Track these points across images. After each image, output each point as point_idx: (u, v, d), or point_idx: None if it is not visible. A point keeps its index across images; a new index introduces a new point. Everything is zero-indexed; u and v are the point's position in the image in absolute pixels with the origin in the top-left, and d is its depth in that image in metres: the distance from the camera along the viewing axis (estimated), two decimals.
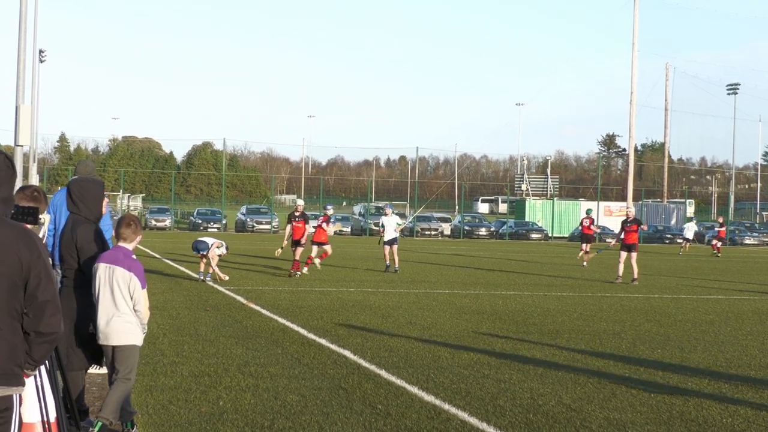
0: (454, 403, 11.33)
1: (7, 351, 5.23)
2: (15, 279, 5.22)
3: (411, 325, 18.44)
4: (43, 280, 5.30)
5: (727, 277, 37.70)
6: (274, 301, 22.13)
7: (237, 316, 19.15)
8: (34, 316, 5.28)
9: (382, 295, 24.46)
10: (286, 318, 18.89)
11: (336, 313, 20.13)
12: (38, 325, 5.29)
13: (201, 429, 9.77)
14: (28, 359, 5.37)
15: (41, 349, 5.37)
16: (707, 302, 25.68)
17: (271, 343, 15.59)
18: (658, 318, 21.14)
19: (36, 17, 59.94)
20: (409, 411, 10.85)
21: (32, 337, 5.32)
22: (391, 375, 12.99)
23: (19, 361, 5.30)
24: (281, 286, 26.42)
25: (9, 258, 5.21)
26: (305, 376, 12.73)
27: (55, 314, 5.34)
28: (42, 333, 5.31)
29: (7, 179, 5.39)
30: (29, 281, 5.26)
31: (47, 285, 5.31)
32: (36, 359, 5.40)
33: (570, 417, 10.82)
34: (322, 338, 16.29)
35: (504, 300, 24.22)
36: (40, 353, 5.39)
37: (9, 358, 5.23)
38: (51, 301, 5.31)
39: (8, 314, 5.22)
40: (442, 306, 22.25)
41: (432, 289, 27.20)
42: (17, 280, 5.23)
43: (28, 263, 5.25)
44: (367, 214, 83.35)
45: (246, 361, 13.82)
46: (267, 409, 10.72)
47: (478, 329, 18.17)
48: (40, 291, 5.27)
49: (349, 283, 28.41)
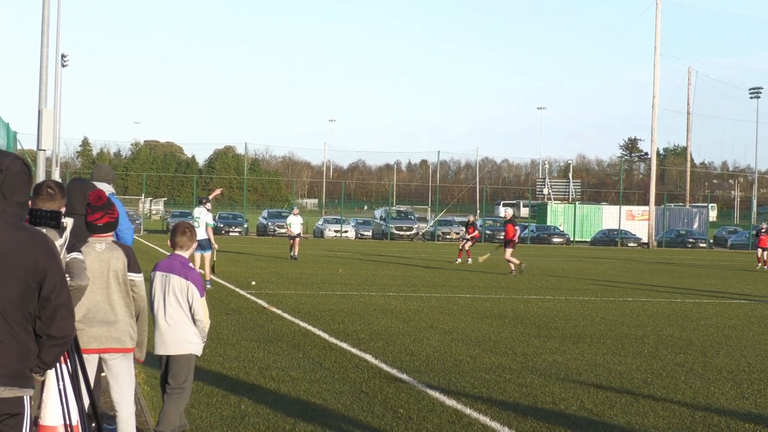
0: (476, 407, 11.31)
1: (18, 353, 5.25)
2: (29, 282, 5.24)
3: (432, 329, 18.43)
4: (59, 284, 5.32)
5: (750, 282, 37.52)
6: (296, 304, 22.14)
7: (259, 319, 19.17)
8: (46, 320, 5.29)
9: (403, 299, 24.45)
10: (308, 322, 18.90)
11: (357, 317, 20.13)
12: (50, 328, 5.30)
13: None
14: (38, 362, 5.39)
15: (52, 352, 5.39)
16: (730, 307, 25.57)
17: (293, 347, 15.60)
18: (681, 322, 21.06)
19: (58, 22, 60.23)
20: (430, 415, 10.84)
21: (43, 340, 5.33)
22: (412, 379, 12.99)
23: (29, 363, 5.32)
24: (302, 290, 26.43)
25: (25, 261, 5.23)
26: (327, 380, 12.74)
27: (67, 318, 5.35)
28: (53, 336, 5.32)
29: (23, 185, 5.42)
30: (44, 285, 5.27)
31: (62, 289, 5.33)
32: (46, 362, 5.41)
33: (592, 422, 10.80)
34: (344, 342, 16.29)
35: (525, 304, 24.18)
36: (51, 356, 5.41)
37: (19, 360, 5.25)
38: (64, 305, 5.33)
39: (21, 317, 5.24)
40: (463, 310, 22.23)
41: (453, 293, 27.17)
42: (32, 284, 5.25)
43: (44, 267, 5.27)
44: (389, 218, 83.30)
45: (268, 364, 13.84)
46: (288, 412, 10.73)
47: (500, 333, 18.14)
48: (55, 295, 5.28)
49: (371, 286, 28.41)
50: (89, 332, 8.05)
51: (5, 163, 5.41)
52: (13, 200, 5.37)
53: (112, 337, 8.11)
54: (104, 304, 8.09)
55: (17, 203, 5.39)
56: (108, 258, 8.11)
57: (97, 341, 8.08)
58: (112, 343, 8.12)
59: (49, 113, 28.12)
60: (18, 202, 5.40)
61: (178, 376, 9.00)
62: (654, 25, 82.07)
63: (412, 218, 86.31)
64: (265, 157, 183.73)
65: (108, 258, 8.11)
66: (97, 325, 8.07)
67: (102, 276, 8.08)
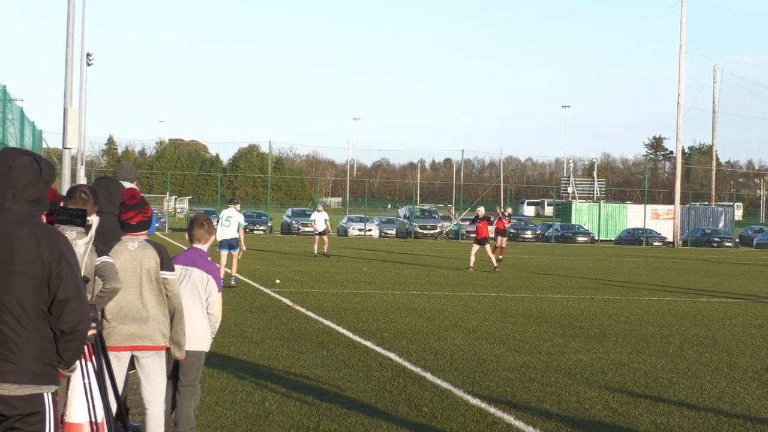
0: (500, 406, 11.30)
1: (36, 351, 5.25)
2: (39, 279, 5.25)
3: (456, 328, 18.41)
4: (64, 278, 5.29)
5: None
6: (320, 303, 22.16)
7: (283, 318, 19.20)
8: (56, 315, 5.29)
9: (427, 298, 24.43)
10: (332, 320, 18.91)
11: (381, 315, 20.13)
12: (60, 323, 5.30)
13: (247, 430, 9.81)
14: (58, 359, 5.39)
15: (68, 347, 5.37)
16: (756, 306, 25.43)
17: (317, 346, 15.61)
18: (706, 322, 20.96)
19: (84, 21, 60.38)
20: (454, 414, 10.83)
21: (58, 336, 5.34)
22: (436, 378, 12.98)
23: (49, 360, 5.31)
24: (326, 288, 26.46)
25: (32, 258, 5.24)
26: (350, 378, 12.74)
27: (76, 312, 5.31)
28: (64, 332, 5.31)
29: (34, 181, 5.41)
30: (51, 280, 5.27)
31: (68, 282, 5.30)
32: (65, 358, 5.40)
33: (616, 421, 10.76)
34: (368, 340, 16.29)
35: (550, 303, 24.12)
36: (69, 352, 5.39)
37: (37, 358, 5.26)
38: (72, 299, 5.30)
39: (35, 315, 5.25)
40: (487, 309, 22.19)
41: (477, 291, 27.13)
42: (41, 281, 5.26)
43: (49, 262, 5.27)
44: (412, 216, 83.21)
45: (292, 363, 13.86)
46: (312, 411, 10.74)
47: (524, 332, 18.10)
48: (60, 289, 5.27)
49: (395, 285, 28.40)
50: (121, 330, 8.06)
51: (14, 159, 5.41)
52: (24, 197, 5.36)
53: (143, 335, 8.12)
54: (136, 302, 8.11)
55: (29, 200, 5.38)
56: (140, 256, 8.12)
57: (129, 339, 8.10)
58: (144, 341, 8.13)
59: (74, 112, 28.24)
60: (30, 200, 5.39)
61: (189, 373, 8.99)
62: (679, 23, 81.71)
63: (436, 217, 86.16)
64: (289, 156, 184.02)
65: (140, 256, 8.12)
66: (129, 322, 8.08)
67: (135, 274, 8.10)
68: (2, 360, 5.19)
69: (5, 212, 5.31)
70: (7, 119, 34.02)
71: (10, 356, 5.19)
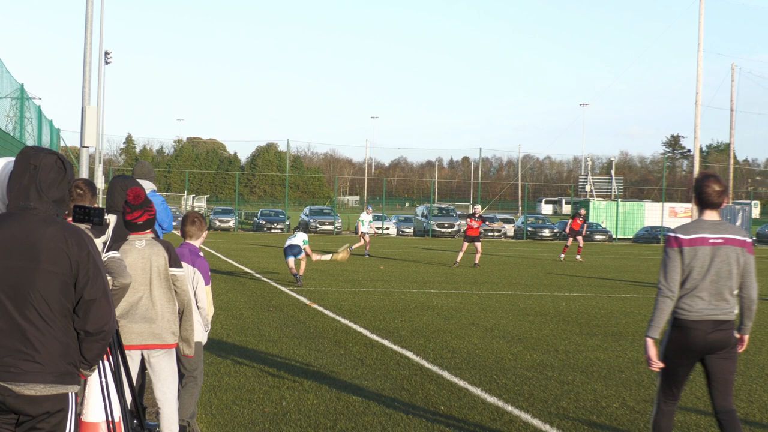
0: (517, 404, 11.30)
1: (61, 350, 5.26)
2: (66, 278, 5.25)
3: (474, 327, 18.41)
4: (92, 278, 5.29)
5: None
6: (337, 301, 22.19)
7: (300, 316, 19.23)
8: (82, 316, 5.29)
9: (444, 296, 24.44)
10: (349, 319, 18.94)
11: (398, 314, 20.14)
12: (85, 324, 5.29)
13: (264, 429, 9.83)
14: (81, 359, 5.40)
15: (92, 348, 5.36)
16: None
17: (334, 344, 15.64)
18: None
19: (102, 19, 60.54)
20: (472, 412, 10.84)
21: (82, 336, 5.32)
22: (453, 376, 12.99)
23: (72, 359, 5.32)
24: (344, 286, 26.49)
25: (59, 257, 5.24)
26: (368, 377, 12.76)
27: (102, 312, 5.32)
28: (89, 332, 5.30)
29: (59, 180, 5.40)
30: (78, 279, 5.27)
31: (95, 283, 5.30)
32: (88, 359, 5.40)
33: (634, 419, 10.76)
34: (385, 339, 16.31)
35: (567, 301, 24.10)
36: (92, 353, 5.39)
37: (62, 357, 5.26)
38: (98, 300, 5.30)
39: (60, 314, 5.25)
40: (504, 307, 22.18)
41: (495, 290, 27.12)
42: (68, 279, 5.26)
43: (77, 261, 5.27)
44: (430, 215, 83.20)
45: (309, 361, 13.88)
46: (330, 409, 10.76)
47: (541, 331, 18.09)
48: (87, 289, 5.28)
49: (412, 284, 28.41)
50: (130, 329, 8.11)
51: (39, 158, 5.39)
52: (49, 196, 5.35)
53: (153, 333, 8.16)
54: (146, 300, 8.15)
55: (53, 200, 5.38)
56: (149, 255, 8.17)
57: (138, 338, 8.15)
58: (153, 339, 8.17)
59: (92, 110, 28.30)
60: (54, 199, 5.39)
61: (188, 364, 9.17)
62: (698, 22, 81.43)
63: (453, 215, 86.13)
64: (307, 154, 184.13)
65: (149, 255, 8.17)
66: (138, 321, 8.12)
67: (144, 273, 8.15)
68: (27, 360, 5.19)
69: (30, 212, 5.31)
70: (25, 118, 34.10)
71: (35, 355, 5.19)
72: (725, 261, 7.78)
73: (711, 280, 7.75)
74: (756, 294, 7.96)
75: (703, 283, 7.74)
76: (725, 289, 7.79)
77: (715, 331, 7.79)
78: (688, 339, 7.86)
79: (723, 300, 7.80)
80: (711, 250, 7.76)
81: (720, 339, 7.82)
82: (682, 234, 7.80)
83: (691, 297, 7.77)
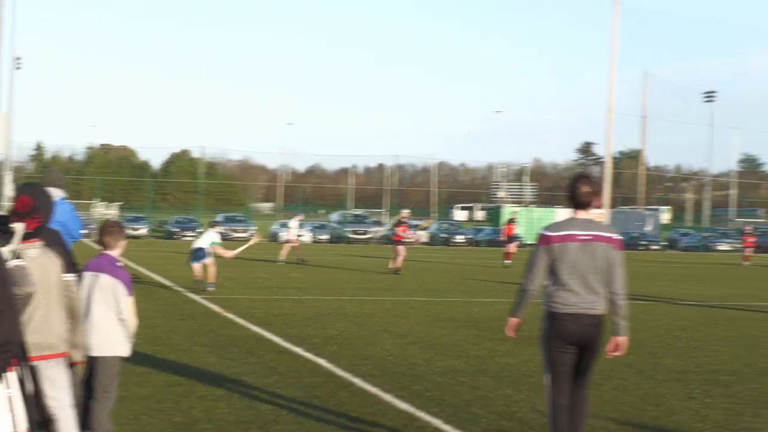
0: (429, 410, 11.36)
1: None
2: None
3: (386, 333, 18.46)
4: None
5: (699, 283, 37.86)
6: (249, 309, 22.09)
7: (212, 325, 19.13)
8: None
9: (358, 303, 24.46)
10: (261, 326, 18.87)
11: (311, 321, 20.12)
12: None
13: None
14: None
15: None
16: (680, 308, 25.78)
17: (246, 352, 15.58)
18: (631, 324, 20.97)
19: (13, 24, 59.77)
20: (383, 419, 10.87)
21: None
22: (365, 383, 13.01)
23: None
24: (256, 294, 26.39)
25: None
26: (279, 385, 12.73)
27: (8, 324, 5.23)
28: None
29: None
30: None
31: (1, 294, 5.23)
32: None
33: (543, 424, 10.85)
34: (297, 347, 16.29)
35: (480, 307, 24.25)
36: None
37: None
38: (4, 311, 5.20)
39: None
40: (418, 313, 22.28)
41: (408, 296, 27.21)
42: None
43: None
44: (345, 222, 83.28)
45: (220, 370, 13.82)
46: (241, 418, 10.72)
47: (454, 336, 18.21)
48: None
49: (326, 291, 28.40)
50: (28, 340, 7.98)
51: None
52: None
53: (47, 343, 8.05)
54: (41, 310, 8.04)
55: None
56: (44, 263, 8.06)
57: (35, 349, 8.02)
58: (49, 349, 8.06)
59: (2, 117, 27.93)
60: None
61: (104, 379, 8.96)
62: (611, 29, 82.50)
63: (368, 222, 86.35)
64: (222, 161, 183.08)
65: (44, 263, 8.06)
66: (34, 332, 8.00)
67: (41, 282, 8.03)
68: None
69: None
70: None
71: None
72: (593, 256, 8.30)
73: (580, 275, 8.28)
74: (621, 287, 8.48)
75: (573, 278, 8.29)
76: (595, 283, 8.32)
77: (583, 324, 8.38)
78: (563, 330, 8.41)
79: (594, 293, 8.35)
80: (580, 246, 8.29)
81: (587, 333, 8.43)
82: (552, 231, 8.44)
83: (564, 291, 8.33)
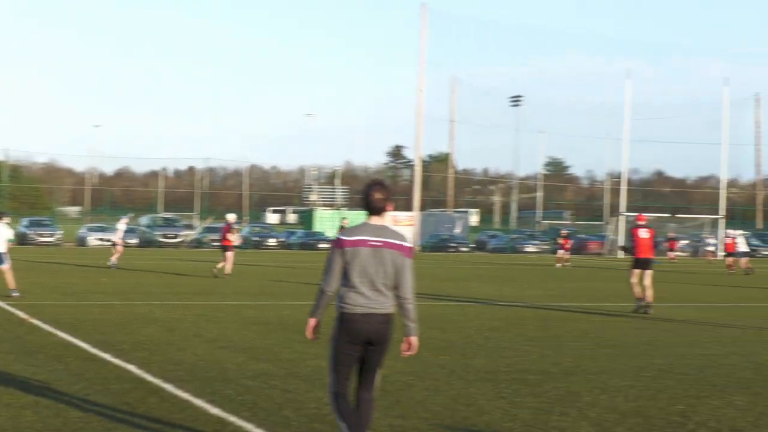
0: (240, 414, 11.29)
1: None
2: None
3: (197, 338, 18.29)
4: None
5: (509, 285, 38.72)
6: (56, 315, 21.57)
7: (17, 331, 18.61)
8: None
9: (168, 308, 24.17)
10: (69, 333, 18.45)
11: (121, 326, 19.77)
12: None
13: None
14: None
15: None
16: (490, 309, 26.31)
17: (53, 359, 15.20)
18: (443, 325, 21.51)
19: None
20: (194, 424, 10.76)
21: None
22: (176, 389, 12.85)
23: None
24: (63, 300, 25.80)
25: None
26: (88, 392, 12.47)
27: None
28: None
29: None
30: None
31: None
32: None
33: None
34: (106, 353, 15.98)
35: (291, 310, 24.26)
36: None
37: None
38: None
39: None
40: (229, 317, 22.14)
41: (220, 300, 27.04)
42: None
43: None
44: (155, 225, 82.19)
45: (26, 377, 13.45)
46: (48, 426, 10.45)
47: (265, 340, 18.16)
48: None
49: (135, 295, 27.96)
50: None
51: None
52: None
53: None
54: None
55: None
56: None
57: None
58: None
59: None
60: None
61: None
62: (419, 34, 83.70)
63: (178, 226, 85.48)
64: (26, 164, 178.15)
65: None
66: None
67: None
68: None
69: None
70: None
71: None
72: (381, 262, 8.65)
73: (369, 279, 8.64)
74: (410, 292, 8.83)
75: (363, 281, 8.65)
76: (382, 287, 8.69)
77: (374, 323, 8.73)
78: (352, 330, 8.83)
79: (383, 296, 8.71)
80: (371, 252, 8.64)
81: (378, 330, 8.76)
82: (346, 236, 8.76)
83: (354, 292, 8.72)
